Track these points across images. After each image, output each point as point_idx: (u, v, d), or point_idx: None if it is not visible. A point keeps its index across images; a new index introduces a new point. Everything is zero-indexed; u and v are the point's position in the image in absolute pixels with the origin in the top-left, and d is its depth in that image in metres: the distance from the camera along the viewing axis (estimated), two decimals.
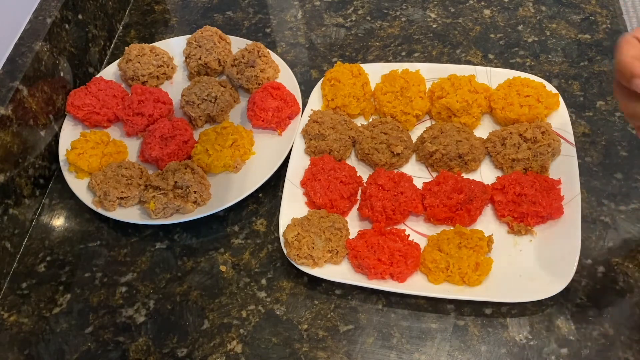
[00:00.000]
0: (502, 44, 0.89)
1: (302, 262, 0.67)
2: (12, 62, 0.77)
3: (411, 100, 0.78)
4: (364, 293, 0.67)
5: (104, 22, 0.96)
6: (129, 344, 0.66)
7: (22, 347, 0.67)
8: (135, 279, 0.71)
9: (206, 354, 0.65)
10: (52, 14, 0.82)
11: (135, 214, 0.74)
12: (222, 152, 0.76)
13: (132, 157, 0.81)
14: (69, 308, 0.70)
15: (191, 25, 0.99)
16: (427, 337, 0.64)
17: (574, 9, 0.91)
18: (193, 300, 0.69)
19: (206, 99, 0.81)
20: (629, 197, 0.71)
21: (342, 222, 0.70)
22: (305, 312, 0.67)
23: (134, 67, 0.86)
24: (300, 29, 0.95)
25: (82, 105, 0.82)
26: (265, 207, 0.76)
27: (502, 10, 0.93)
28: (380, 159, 0.74)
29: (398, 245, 0.66)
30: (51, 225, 0.78)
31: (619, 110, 0.79)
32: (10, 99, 0.73)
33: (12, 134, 0.73)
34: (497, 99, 0.77)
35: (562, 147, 0.73)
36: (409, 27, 0.93)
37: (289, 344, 0.65)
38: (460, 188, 0.69)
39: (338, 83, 0.80)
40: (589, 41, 0.87)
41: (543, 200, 0.67)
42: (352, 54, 0.91)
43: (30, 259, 0.75)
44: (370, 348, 0.64)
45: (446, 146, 0.73)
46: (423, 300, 0.66)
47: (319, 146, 0.76)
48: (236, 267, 0.71)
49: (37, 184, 0.79)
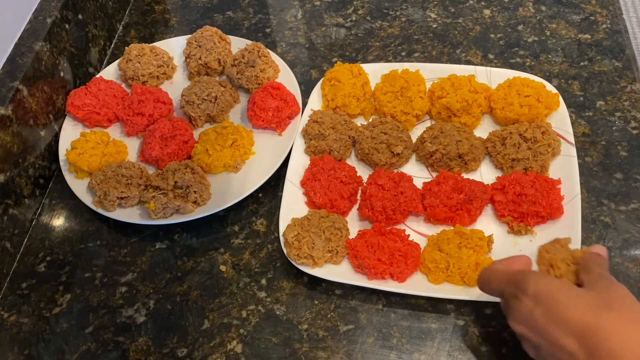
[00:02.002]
0: (502, 44, 0.89)
1: (302, 262, 0.67)
2: (12, 62, 0.77)
3: (411, 100, 0.78)
4: (364, 293, 0.67)
5: (104, 22, 0.96)
6: (129, 344, 0.66)
7: (22, 347, 0.67)
8: (135, 279, 0.71)
9: (206, 354, 0.65)
10: (52, 14, 0.82)
11: (135, 214, 0.74)
12: (222, 152, 0.76)
13: (132, 157, 0.81)
14: (69, 308, 0.70)
15: (191, 25, 0.99)
16: (427, 337, 0.64)
17: (574, 9, 0.91)
18: (193, 300, 0.69)
19: (206, 99, 0.81)
20: (629, 197, 0.71)
21: (342, 222, 0.69)
22: (305, 312, 0.67)
23: (134, 67, 0.86)
24: (300, 29, 0.95)
25: (82, 105, 0.82)
26: (265, 207, 0.76)
27: (502, 10, 0.93)
28: (380, 159, 0.74)
29: (398, 245, 0.66)
30: (51, 225, 0.78)
31: (619, 110, 0.79)
32: (10, 99, 0.73)
33: (12, 134, 0.73)
34: (497, 99, 0.77)
35: (562, 147, 0.73)
36: (409, 27, 0.93)
37: (289, 344, 0.65)
38: (460, 188, 0.69)
39: (338, 83, 0.80)
40: (589, 41, 0.87)
41: (543, 200, 0.67)
42: (352, 54, 0.91)
43: (30, 259, 0.75)
44: (370, 348, 0.64)
45: (446, 146, 0.73)
46: (423, 300, 0.66)
47: (319, 146, 0.76)
48: (236, 267, 0.71)
49: (37, 184, 0.79)
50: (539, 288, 0.51)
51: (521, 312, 0.51)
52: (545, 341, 0.50)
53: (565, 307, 0.49)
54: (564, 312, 0.49)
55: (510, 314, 0.53)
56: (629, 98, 0.80)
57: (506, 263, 0.57)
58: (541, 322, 0.50)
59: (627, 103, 0.79)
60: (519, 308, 0.52)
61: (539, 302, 0.50)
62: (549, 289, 0.50)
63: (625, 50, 0.85)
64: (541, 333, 0.50)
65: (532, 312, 0.50)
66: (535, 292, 0.51)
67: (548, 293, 0.50)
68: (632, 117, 0.78)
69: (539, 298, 0.50)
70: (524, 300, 0.51)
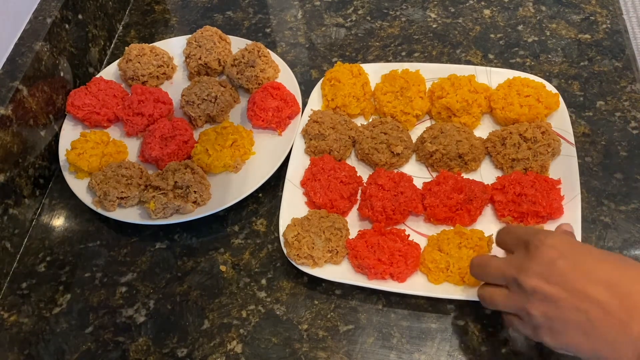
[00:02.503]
0: (502, 44, 0.89)
1: (302, 262, 0.67)
2: (12, 62, 0.77)
3: (411, 100, 0.78)
4: (364, 293, 0.67)
5: (104, 22, 0.96)
6: (129, 344, 0.66)
7: (22, 347, 0.67)
8: (135, 279, 0.71)
9: (206, 354, 0.65)
10: (52, 14, 0.82)
11: (135, 214, 0.74)
12: (222, 152, 0.76)
13: (132, 157, 0.81)
14: (69, 308, 0.70)
15: (191, 25, 0.99)
16: (427, 337, 0.64)
17: (574, 9, 0.91)
18: (193, 300, 0.69)
19: (206, 99, 0.81)
20: (629, 197, 0.71)
21: (342, 222, 0.70)
22: (305, 312, 0.67)
23: (134, 67, 0.86)
24: (300, 29, 0.95)
25: (82, 105, 0.82)
26: (265, 207, 0.76)
27: (502, 10, 0.93)
28: (380, 159, 0.74)
29: (398, 245, 0.66)
30: (51, 225, 0.78)
31: (619, 110, 0.79)
32: (10, 99, 0.73)
33: (12, 134, 0.73)
34: (497, 99, 0.77)
35: (562, 147, 0.73)
36: (409, 27, 0.93)
37: (289, 344, 0.65)
38: (460, 188, 0.69)
39: (338, 83, 0.80)
40: (589, 41, 0.87)
41: (543, 200, 0.67)
42: (352, 54, 0.91)
43: (30, 259, 0.75)
44: (370, 348, 0.64)
45: (446, 146, 0.73)
46: (423, 300, 0.66)
47: (319, 146, 0.76)
48: (236, 267, 0.71)
49: (37, 184, 0.79)
50: (559, 239, 0.49)
51: (541, 262, 0.48)
52: (567, 293, 0.47)
53: (590, 257, 0.47)
54: (590, 262, 0.46)
55: (522, 269, 0.50)
56: (629, 98, 0.80)
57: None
58: (565, 271, 0.47)
59: (627, 103, 0.79)
60: (538, 257, 0.48)
61: (561, 252, 0.48)
62: (570, 240, 0.49)
63: (625, 50, 0.85)
64: (564, 284, 0.47)
65: (554, 262, 0.48)
66: (555, 243, 0.48)
67: (570, 243, 0.48)
68: (632, 117, 0.78)
69: (560, 248, 0.48)
70: (543, 250, 0.48)
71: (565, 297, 0.47)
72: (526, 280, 0.49)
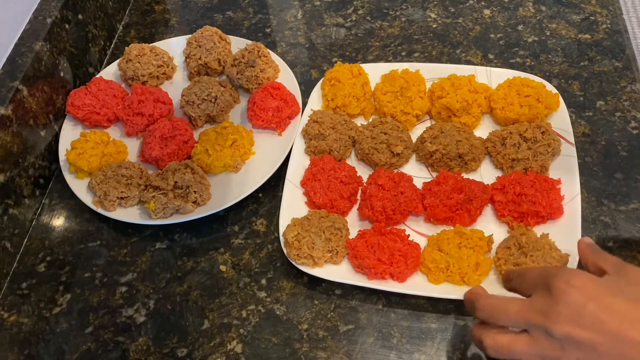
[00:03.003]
0: (502, 44, 0.89)
1: (302, 262, 0.67)
2: (12, 62, 0.77)
3: (411, 100, 0.78)
4: (364, 293, 0.67)
5: (104, 22, 0.96)
6: (129, 344, 0.66)
7: (22, 347, 0.67)
8: (135, 279, 0.71)
9: (206, 354, 0.65)
10: (52, 14, 0.83)
11: (135, 214, 0.74)
12: (222, 152, 0.76)
13: (132, 157, 0.81)
14: (69, 308, 0.70)
15: (191, 25, 0.99)
16: (427, 337, 0.64)
17: (574, 9, 0.91)
18: (193, 300, 0.69)
19: (206, 99, 0.81)
20: (629, 197, 0.71)
21: (342, 222, 0.69)
22: (305, 312, 0.67)
23: (134, 67, 0.86)
24: (300, 29, 0.95)
25: (82, 105, 0.82)
26: (265, 207, 0.76)
27: (502, 10, 0.93)
28: (380, 159, 0.74)
29: (398, 245, 0.66)
30: (51, 225, 0.78)
31: (619, 110, 0.79)
32: (10, 99, 0.73)
33: (12, 134, 0.73)
34: (497, 99, 0.77)
35: (562, 147, 0.73)
36: (409, 27, 0.93)
37: (289, 344, 0.65)
38: (460, 188, 0.69)
39: (338, 83, 0.80)
40: (589, 41, 0.87)
41: (543, 200, 0.67)
42: (352, 54, 0.91)
43: (30, 259, 0.75)
44: (370, 348, 0.64)
45: (446, 146, 0.73)
46: (423, 300, 0.66)
47: (319, 146, 0.76)
48: (236, 267, 0.71)
49: (37, 184, 0.79)
50: (585, 280, 0.45)
51: (570, 306, 0.45)
52: (604, 337, 0.44)
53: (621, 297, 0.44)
54: (621, 302, 0.44)
55: (550, 315, 0.46)
56: (629, 98, 0.80)
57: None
58: (598, 313, 0.44)
59: (627, 103, 0.79)
60: (565, 302, 0.45)
61: (589, 293, 0.45)
62: (594, 279, 0.45)
63: (625, 50, 0.85)
64: (599, 328, 0.44)
65: (584, 305, 0.44)
66: (581, 284, 0.45)
67: (596, 283, 0.45)
68: (632, 117, 0.78)
69: (588, 290, 0.45)
70: (570, 293, 0.45)
71: (602, 341, 0.44)
72: (556, 327, 0.45)
